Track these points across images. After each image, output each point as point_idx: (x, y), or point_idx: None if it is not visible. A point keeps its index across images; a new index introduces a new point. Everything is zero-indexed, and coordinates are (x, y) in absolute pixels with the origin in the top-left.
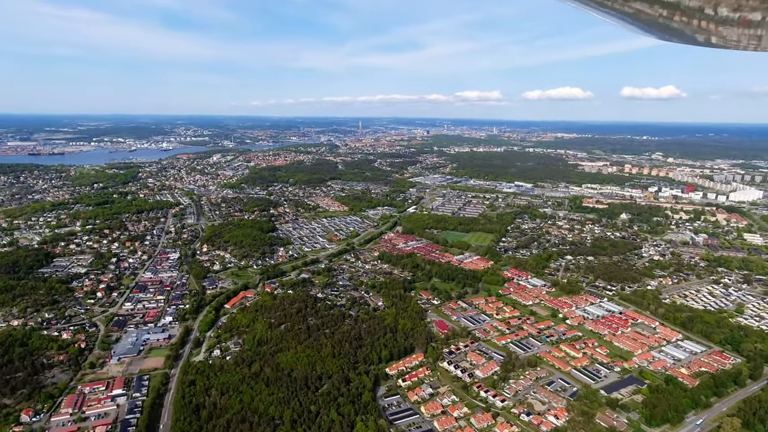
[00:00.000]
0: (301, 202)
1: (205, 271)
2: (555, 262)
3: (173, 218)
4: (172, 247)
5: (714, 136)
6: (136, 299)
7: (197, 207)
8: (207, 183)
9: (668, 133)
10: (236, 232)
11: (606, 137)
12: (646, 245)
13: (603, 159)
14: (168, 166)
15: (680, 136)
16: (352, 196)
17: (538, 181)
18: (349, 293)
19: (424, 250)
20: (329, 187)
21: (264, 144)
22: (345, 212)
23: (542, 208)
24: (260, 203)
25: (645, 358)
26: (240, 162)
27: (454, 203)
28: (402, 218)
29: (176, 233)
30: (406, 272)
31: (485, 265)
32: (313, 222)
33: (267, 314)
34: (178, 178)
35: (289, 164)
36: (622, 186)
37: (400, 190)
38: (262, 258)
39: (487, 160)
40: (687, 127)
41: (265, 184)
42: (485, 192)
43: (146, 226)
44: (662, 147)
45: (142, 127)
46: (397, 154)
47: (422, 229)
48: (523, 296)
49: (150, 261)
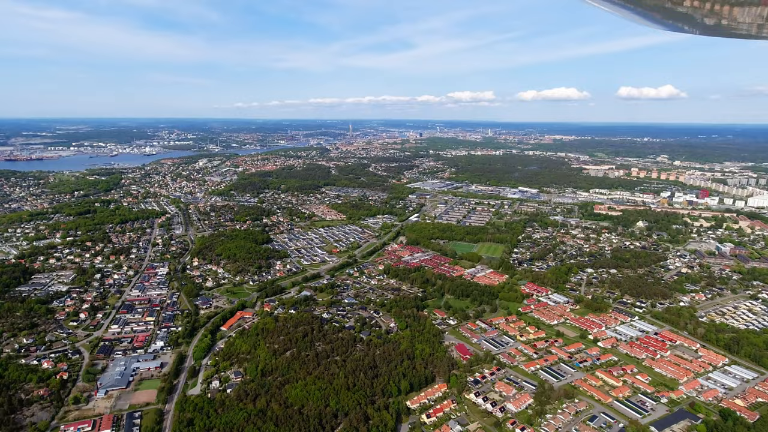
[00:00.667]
0: (296, 210)
1: (197, 288)
2: (575, 276)
3: (160, 229)
4: (160, 260)
5: (718, 137)
6: (123, 321)
7: (185, 216)
8: (194, 190)
9: (670, 135)
10: (229, 244)
11: (607, 139)
12: (671, 256)
13: (607, 162)
14: (152, 172)
15: (683, 137)
16: (349, 203)
17: (544, 186)
18: (356, 313)
19: (432, 262)
20: (323, 194)
21: (251, 148)
22: (343, 221)
23: (552, 215)
24: (252, 212)
25: (693, 387)
26: (227, 167)
27: (458, 211)
28: (405, 228)
29: (164, 245)
30: (415, 288)
31: (500, 279)
32: (310, 232)
33: (269, 339)
34: (163, 184)
35: (279, 169)
36: (632, 191)
37: (399, 197)
38: (258, 273)
39: (487, 164)
40: (688, 128)
41: (256, 190)
42: (489, 198)
43: (131, 238)
44: (666, 149)
45: (123, 131)
46: (392, 158)
47: (428, 239)
48: (547, 315)
49: (137, 277)
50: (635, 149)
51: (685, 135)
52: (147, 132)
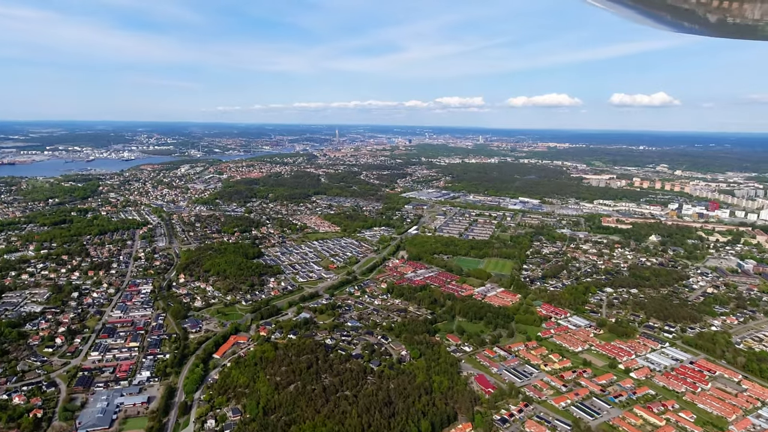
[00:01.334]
0: (286, 221)
1: (185, 309)
2: (594, 296)
3: (142, 241)
4: (142, 276)
5: (715, 146)
6: (104, 347)
7: (168, 227)
8: (176, 198)
9: (665, 143)
10: (218, 259)
11: (602, 147)
12: (693, 274)
13: (607, 172)
14: (131, 179)
15: (679, 145)
16: (343, 214)
17: (545, 196)
18: (363, 338)
19: (438, 280)
20: (314, 204)
21: (234, 154)
22: (338, 234)
23: (558, 228)
24: (240, 223)
25: (744, 427)
26: (211, 174)
27: (459, 223)
28: (404, 241)
29: (147, 259)
30: (423, 309)
31: (513, 299)
32: (304, 245)
33: (270, 369)
34: (144, 192)
35: (266, 177)
36: (637, 202)
37: (395, 207)
38: (250, 291)
39: (483, 172)
40: (684, 136)
41: (242, 199)
42: (489, 209)
43: (111, 251)
44: (665, 158)
45: (100, 135)
46: (383, 165)
47: (430, 254)
48: (569, 340)
49: (118, 295)
50: (633, 158)
51: (680, 143)
52: (125, 136)
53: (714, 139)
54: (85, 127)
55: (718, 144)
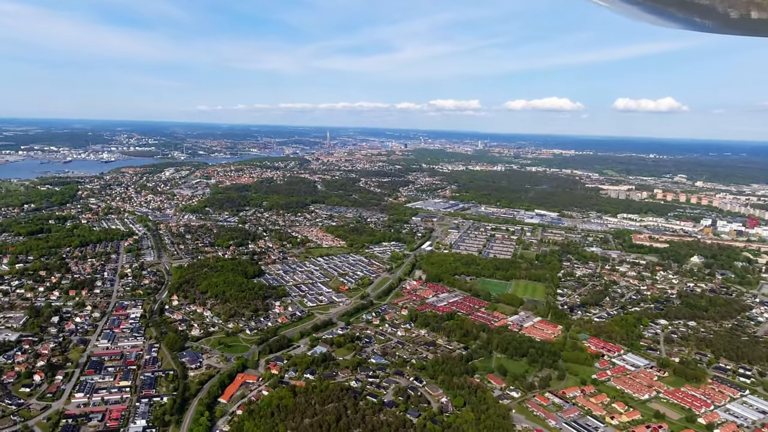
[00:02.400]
0: (285, 233)
1: (181, 339)
2: (646, 329)
3: (127, 254)
4: (131, 297)
5: (731, 155)
6: (90, 386)
7: (156, 238)
8: (162, 205)
9: (676, 151)
10: (215, 278)
11: (611, 155)
12: (755, 304)
13: (623, 182)
14: (112, 182)
15: (692, 154)
16: (346, 227)
17: (563, 208)
18: (393, 380)
19: (465, 306)
20: (314, 214)
21: (221, 156)
22: (344, 249)
23: (586, 245)
24: (235, 235)
25: None
26: (198, 179)
27: (475, 238)
28: (419, 259)
29: (134, 277)
30: (454, 342)
31: (554, 331)
32: (307, 262)
33: (291, 421)
34: (127, 198)
35: (257, 183)
36: (665, 217)
37: (402, 219)
38: (254, 317)
39: (489, 181)
40: (694, 145)
41: (234, 207)
42: (506, 223)
43: (94, 266)
44: (682, 168)
45: (77, 134)
46: (382, 171)
47: (451, 275)
48: (631, 385)
49: (104, 320)
50: (646, 167)
51: (692, 152)
52: (104, 136)
53: (728, 147)
54: (62, 126)
55: (734, 153)
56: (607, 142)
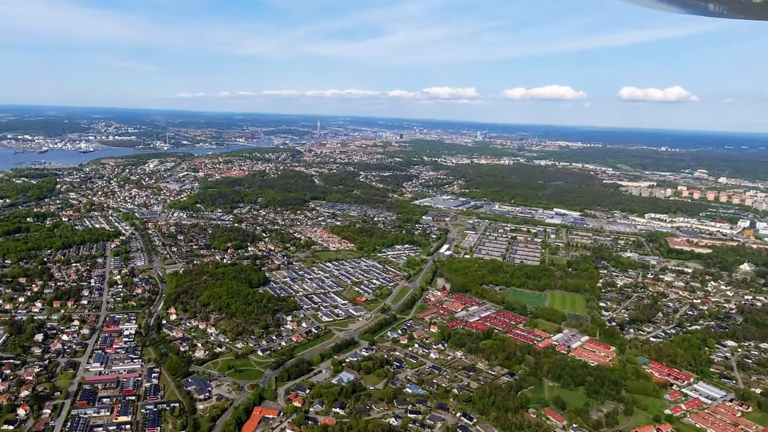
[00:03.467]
0: (287, 234)
1: (184, 362)
2: (713, 351)
3: (115, 258)
4: (122, 310)
5: (749, 148)
6: (83, 424)
7: (145, 239)
8: (149, 200)
9: (689, 143)
10: (216, 288)
11: (621, 148)
12: None
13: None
14: (93, 175)
15: (706, 147)
16: (353, 227)
17: (584, 207)
18: (436, 416)
19: (500, 322)
20: (315, 212)
21: (206, 147)
22: (353, 253)
23: (618, 250)
24: (232, 236)
25: None
26: (185, 171)
27: (496, 241)
28: (439, 265)
29: (125, 285)
30: (496, 367)
31: (606, 353)
32: (315, 268)
33: None
34: (110, 192)
35: (249, 176)
36: (698, 218)
37: (411, 218)
38: (265, 335)
39: (498, 175)
40: (707, 137)
41: (227, 204)
42: (525, 223)
43: (79, 272)
44: (700, 162)
45: (52, 122)
46: (382, 165)
47: (478, 284)
48: (713, 422)
49: (94, 338)
50: (661, 161)
51: (705, 144)
52: (80, 123)
53: (743, 140)
54: (36, 113)
55: (751, 146)
56: (614, 134)
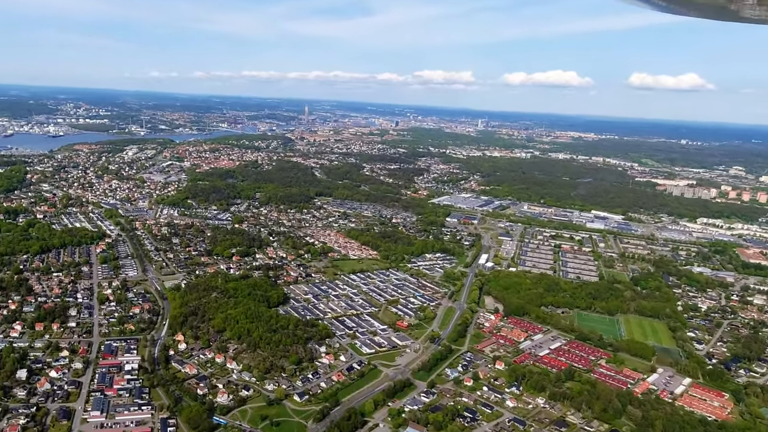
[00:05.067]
0: (298, 239)
1: (205, 408)
2: None
3: (102, 267)
4: (118, 334)
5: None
6: None
7: (134, 242)
8: (132, 194)
9: (711, 137)
10: (231, 310)
11: (641, 140)
12: None
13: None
14: (66, 163)
15: (731, 140)
16: (372, 230)
17: (626, 210)
18: None
19: (577, 357)
20: (323, 211)
21: (187, 132)
22: (378, 262)
23: (685, 263)
24: (236, 240)
25: None
26: (168, 160)
27: (538, 249)
28: (483, 279)
29: (118, 302)
30: (593, 421)
31: (720, 402)
32: (339, 282)
33: None
34: (87, 184)
35: (241, 167)
36: (758, 223)
37: (434, 220)
38: (299, 372)
39: (517, 170)
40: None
41: (223, 200)
42: (564, 228)
43: (62, 284)
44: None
45: (16, 102)
46: (385, 156)
47: (536, 305)
48: None
49: (89, 374)
50: (689, 156)
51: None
52: (47, 105)
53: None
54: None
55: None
56: (626, 125)
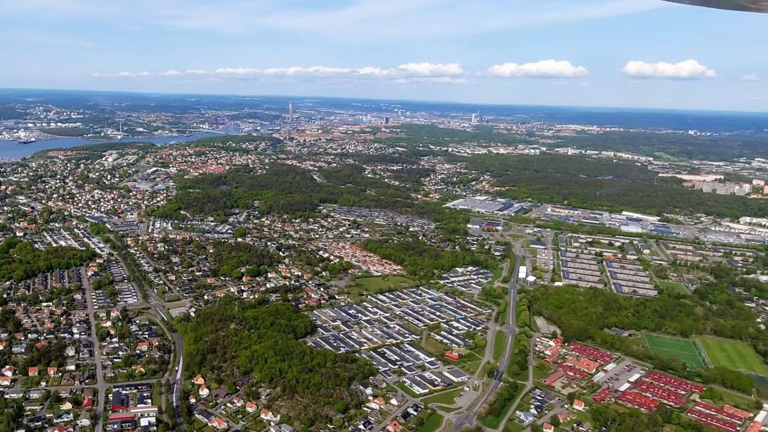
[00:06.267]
0: (310, 253)
1: None
2: None
3: (97, 293)
4: (126, 378)
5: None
6: None
7: (129, 262)
8: (118, 205)
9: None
10: (256, 345)
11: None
12: None
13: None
14: (43, 172)
15: (742, 130)
16: (391, 242)
17: (660, 210)
18: None
19: (664, 392)
20: (330, 219)
21: (167, 135)
22: (405, 279)
23: (746, 271)
24: (242, 256)
25: None
26: (152, 166)
27: (578, 259)
28: (529, 296)
29: (120, 336)
30: None
31: None
32: (367, 305)
33: None
34: (68, 195)
35: (232, 172)
36: None
37: (457, 229)
38: (347, 421)
39: (529, 168)
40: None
41: (219, 210)
42: (599, 232)
43: (54, 316)
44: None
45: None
46: (385, 156)
47: (597, 326)
48: None
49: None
50: (705, 148)
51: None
52: (15, 108)
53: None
54: None
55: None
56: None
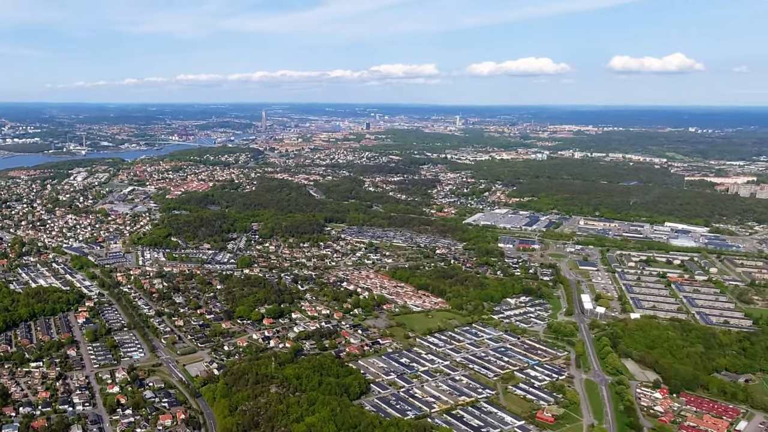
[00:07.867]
0: (333, 285)
1: None
2: None
3: (94, 346)
4: None
5: None
6: None
7: (124, 305)
8: (98, 233)
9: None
10: (308, 416)
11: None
12: None
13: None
14: (7, 195)
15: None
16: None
17: (707, 219)
18: None
19: None
20: (343, 242)
21: (134, 149)
22: (450, 313)
23: None
24: (258, 293)
25: None
26: (127, 185)
27: (640, 281)
28: (606, 332)
29: (134, 407)
30: None
31: None
32: (419, 350)
33: None
34: (38, 222)
35: (218, 190)
36: None
37: (489, 249)
38: None
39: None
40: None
41: (215, 235)
42: (648, 248)
43: (48, 382)
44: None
45: None
46: (381, 166)
47: (705, 371)
48: None
49: None
50: (716, 146)
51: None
52: None
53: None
54: None
55: None
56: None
